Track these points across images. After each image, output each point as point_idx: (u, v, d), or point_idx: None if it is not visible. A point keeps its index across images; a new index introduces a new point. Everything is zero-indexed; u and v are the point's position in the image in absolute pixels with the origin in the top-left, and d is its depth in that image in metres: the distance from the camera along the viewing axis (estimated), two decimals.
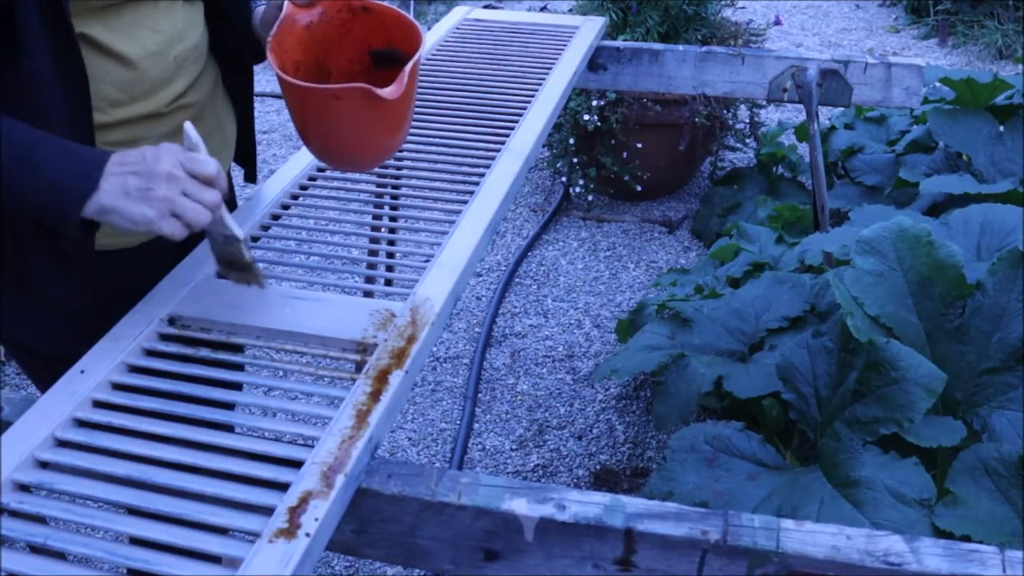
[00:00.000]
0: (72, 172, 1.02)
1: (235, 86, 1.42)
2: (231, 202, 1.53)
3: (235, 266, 1.21)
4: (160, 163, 1.03)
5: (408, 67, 1.20)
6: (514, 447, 2.42)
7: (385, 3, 1.31)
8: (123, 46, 1.16)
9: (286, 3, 1.28)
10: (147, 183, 1.02)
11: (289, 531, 0.91)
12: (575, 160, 3.44)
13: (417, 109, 1.87)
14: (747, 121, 3.53)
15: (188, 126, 1.08)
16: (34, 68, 1.08)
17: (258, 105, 4.57)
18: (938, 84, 3.06)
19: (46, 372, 1.20)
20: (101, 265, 1.24)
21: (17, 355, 1.33)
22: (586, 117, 3.26)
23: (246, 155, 1.49)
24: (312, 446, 1.02)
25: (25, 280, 1.21)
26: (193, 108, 1.28)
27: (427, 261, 1.36)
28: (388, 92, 1.16)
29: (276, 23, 1.25)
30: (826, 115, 3.70)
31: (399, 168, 1.68)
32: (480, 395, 2.62)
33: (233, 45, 1.38)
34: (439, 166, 1.67)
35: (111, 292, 1.24)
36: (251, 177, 1.53)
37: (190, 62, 1.27)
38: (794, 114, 4.21)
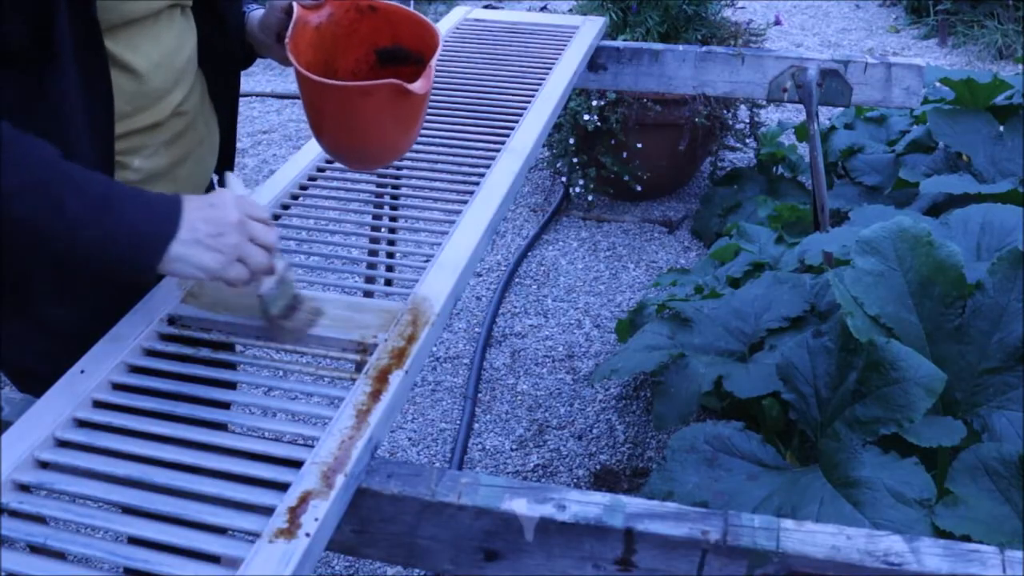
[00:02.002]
0: (151, 219, 1.01)
1: (220, 93, 1.41)
2: None
3: (292, 307, 1.17)
4: (229, 212, 1.05)
5: (432, 62, 1.21)
6: (514, 447, 2.42)
7: (388, 3, 1.32)
8: (131, 57, 1.15)
9: (295, 6, 1.28)
10: (218, 229, 1.04)
11: (289, 531, 0.91)
12: (575, 160, 3.44)
13: None
14: (747, 121, 3.53)
15: (230, 175, 1.12)
16: (64, 89, 1.06)
17: (258, 105, 4.57)
18: (938, 84, 3.06)
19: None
20: (102, 283, 1.23)
21: (15, 379, 1.31)
22: (586, 117, 3.26)
23: (226, 162, 1.48)
24: (312, 446, 1.02)
25: (24, 303, 1.19)
26: (187, 116, 1.28)
27: (427, 261, 1.36)
28: (417, 87, 1.17)
29: (290, 26, 1.26)
30: (826, 115, 3.70)
31: (399, 168, 1.68)
32: (480, 395, 2.62)
33: (221, 51, 1.37)
34: (439, 166, 1.67)
35: (109, 310, 1.23)
36: (224, 185, 1.51)
37: (187, 72, 1.27)
38: (794, 114, 4.21)
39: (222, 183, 1.46)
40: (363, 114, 1.21)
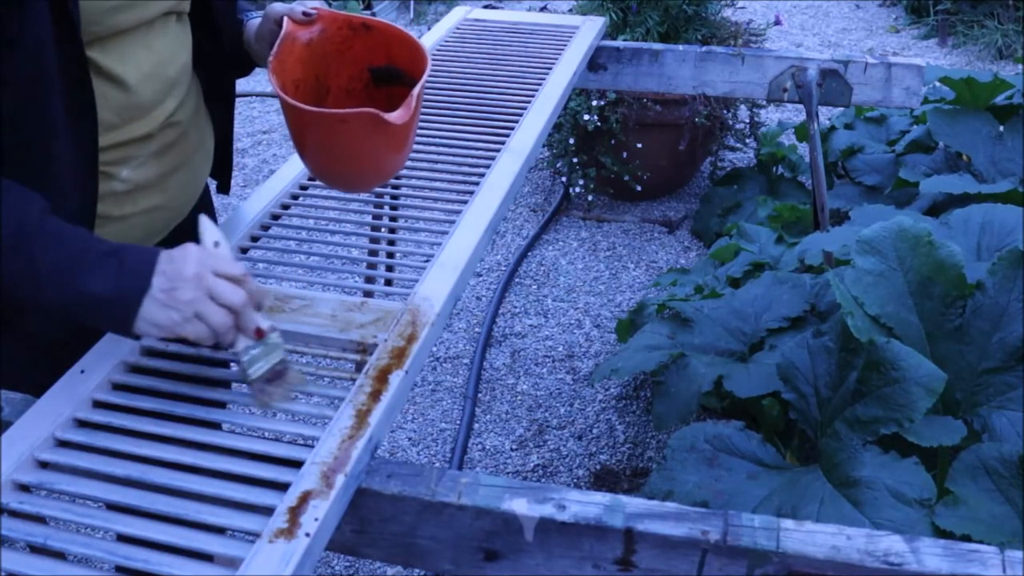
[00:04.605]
0: (119, 288, 0.97)
1: (216, 100, 1.40)
2: (211, 217, 1.50)
3: (277, 372, 1.08)
4: (187, 265, 0.99)
5: (416, 91, 1.18)
6: (514, 447, 2.42)
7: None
8: (121, 68, 1.14)
9: (286, 20, 1.27)
10: (172, 284, 0.98)
11: (289, 531, 0.91)
12: (575, 160, 3.44)
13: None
14: (747, 121, 3.53)
15: (204, 219, 1.04)
16: (45, 100, 1.05)
17: (258, 105, 4.57)
18: (938, 84, 3.06)
19: None
20: None
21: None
22: (586, 117, 3.26)
23: (223, 168, 1.47)
24: (312, 446, 1.02)
25: (7, 317, 1.18)
26: (180, 126, 1.27)
27: (427, 261, 1.36)
28: (395, 117, 1.14)
29: (277, 41, 1.24)
30: (826, 115, 3.70)
31: None
32: (480, 395, 2.62)
33: (217, 59, 1.36)
34: (439, 166, 1.67)
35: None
36: (224, 188, 1.50)
37: (181, 82, 1.26)
38: (794, 114, 4.21)
39: (198, 228, 1.43)
40: (341, 140, 1.19)
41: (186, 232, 1.37)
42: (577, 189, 3.49)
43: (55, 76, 1.04)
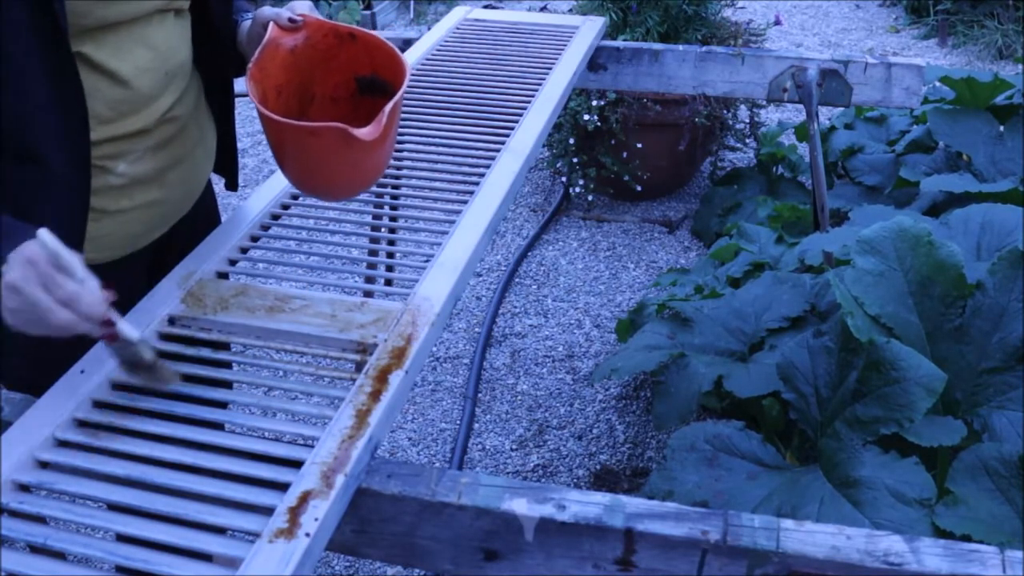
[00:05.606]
0: None
1: (216, 97, 1.41)
2: (215, 217, 1.51)
3: (139, 367, 1.09)
4: (10, 273, 0.94)
5: (388, 108, 1.18)
6: (514, 447, 2.42)
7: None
8: (116, 63, 1.14)
9: (271, 25, 1.27)
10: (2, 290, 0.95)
11: (289, 531, 0.91)
12: (575, 160, 3.44)
13: (417, 109, 1.87)
14: (747, 121, 3.53)
15: (42, 233, 0.96)
16: (28, 90, 1.05)
17: None
18: (938, 84, 3.06)
19: None
20: None
21: (9, 384, 1.30)
22: (586, 117, 3.26)
23: (227, 164, 1.48)
24: (312, 446, 1.02)
25: None
26: (178, 121, 1.27)
27: (427, 261, 1.36)
28: (365, 133, 1.15)
29: (259, 47, 1.24)
30: (826, 115, 3.70)
31: (399, 168, 1.68)
32: (480, 395, 2.62)
33: (216, 57, 1.37)
34: (439, 166, 1.67)
35: None
36: (232, 186, 1.51)
37: (179, 77, 1.26)
38: (794, 114, 4.21)
39: (230, 183, 1.42)
40: (312, 152, 1.20)
41: (186, 228, 1.37)
42: (577, 189, 3.49)
43: (37, 66, 1.04)
